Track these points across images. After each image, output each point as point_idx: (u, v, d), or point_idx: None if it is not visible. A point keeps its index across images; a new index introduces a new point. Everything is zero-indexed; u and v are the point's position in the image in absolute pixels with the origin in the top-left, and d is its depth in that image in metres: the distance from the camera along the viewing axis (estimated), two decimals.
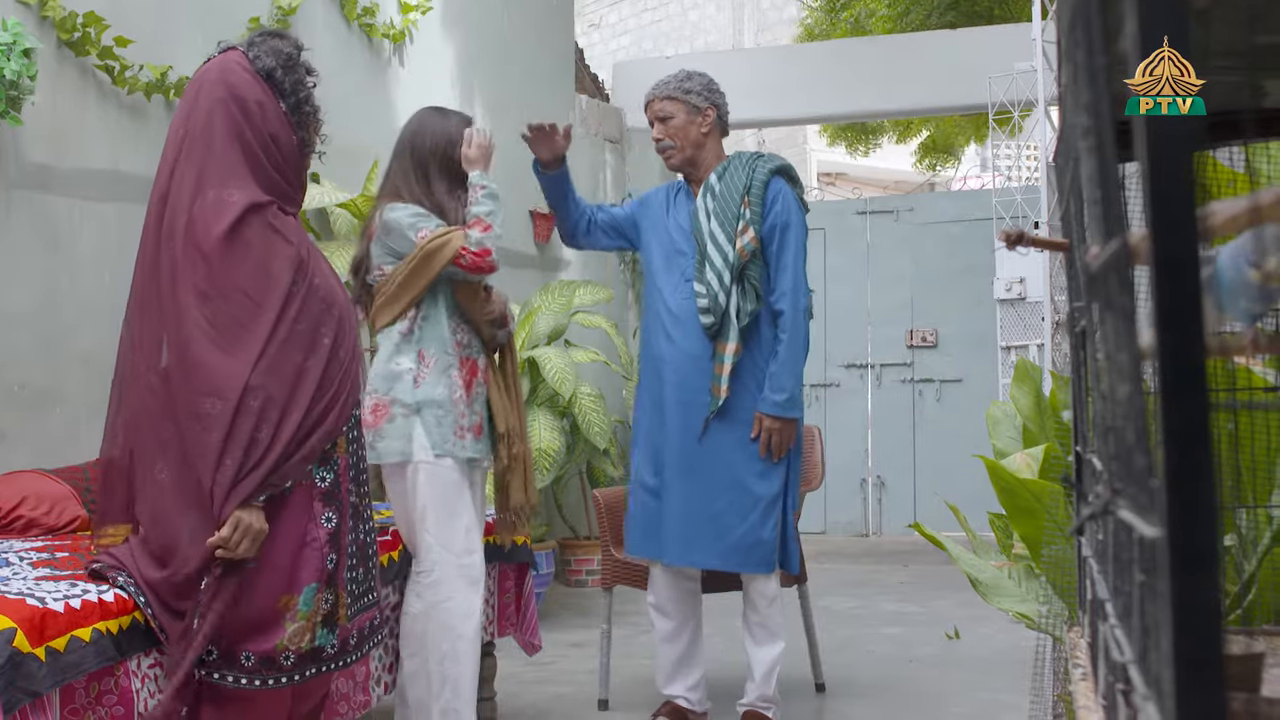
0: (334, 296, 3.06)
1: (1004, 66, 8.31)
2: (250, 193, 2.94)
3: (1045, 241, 2.39)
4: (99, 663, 2.70)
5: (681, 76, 4.32)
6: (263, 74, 3.02)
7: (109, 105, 4.64)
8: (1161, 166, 0.82)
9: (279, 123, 3.03)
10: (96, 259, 4.56)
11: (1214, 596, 0.80)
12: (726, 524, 4.06)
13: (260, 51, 3.04)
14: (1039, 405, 4.31)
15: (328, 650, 3.02)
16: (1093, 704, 1.69)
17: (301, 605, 2.94)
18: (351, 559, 3.10)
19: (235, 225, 2.89)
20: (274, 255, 2.94)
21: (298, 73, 3.08)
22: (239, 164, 2.95)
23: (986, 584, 3.31)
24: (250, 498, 2.83)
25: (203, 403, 2.83)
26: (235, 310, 2.88)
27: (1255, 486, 2.73)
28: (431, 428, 3.70)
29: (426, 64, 6.82)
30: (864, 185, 17.69)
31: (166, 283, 2.91)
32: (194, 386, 2.84)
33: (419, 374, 3.72)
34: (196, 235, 2.88)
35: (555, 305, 6.75)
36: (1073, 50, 1.29)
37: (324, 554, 2.98)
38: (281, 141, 3.03)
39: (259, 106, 3.00)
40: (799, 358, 4.14)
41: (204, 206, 2.90)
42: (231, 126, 2.96)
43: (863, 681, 5.07)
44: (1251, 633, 2.32)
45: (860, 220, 10.07)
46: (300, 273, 2.97)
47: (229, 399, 2.82)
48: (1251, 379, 2.69)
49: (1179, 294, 0.80)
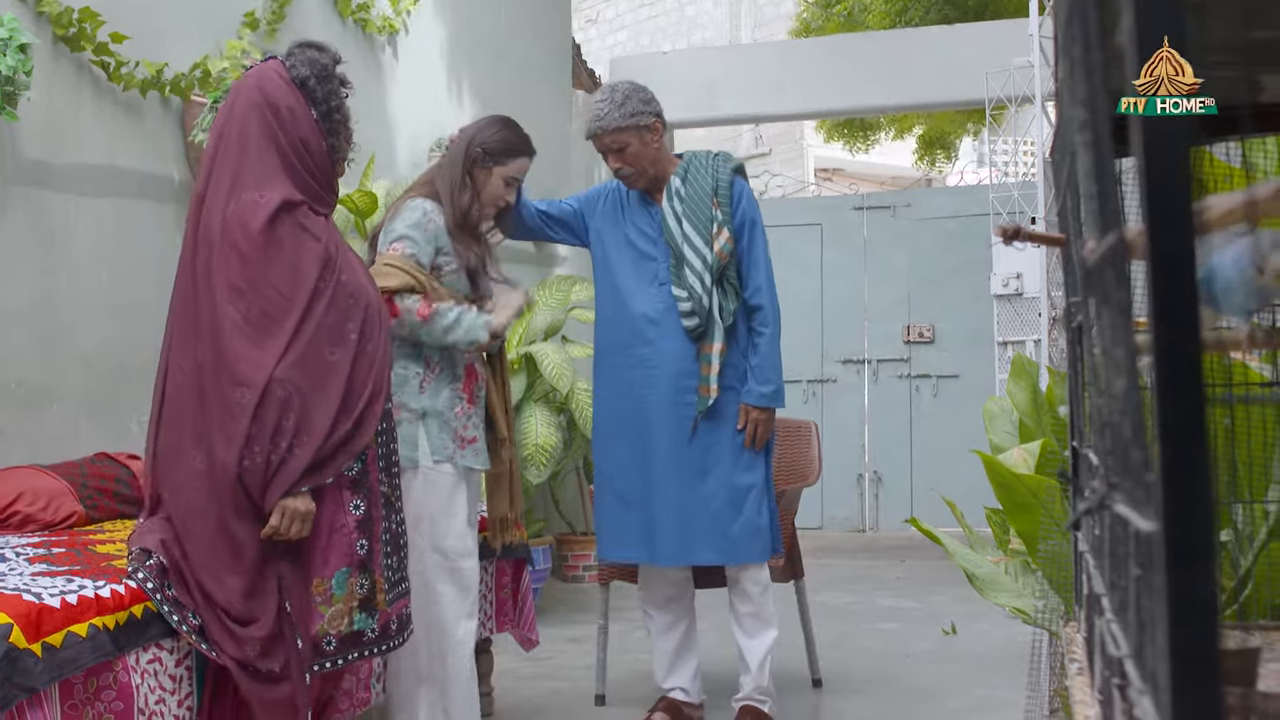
0: (362, 293, 3.18)
1: (1001, 62, 8.31)
2: (283, 192, 3.08)
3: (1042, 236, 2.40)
4: (96, 658, 2.70)
5: (618, 100, 4.13)
6: (297, 82, 3.18)
7: (105, 101, 4.64)
8: (1158, 161, 0.82)
9: (310, 128, 3.17)
10: (94, 256, 4.55)
11: (1210, 591, 0.80)
12: (724, 519, 4.07)
13: (297, 61, 3.21)
14: (1035, 401, 4.31)
15: (368, 634, 3.16)
16: (1089, 699, 1.69)
17: (335, 589, 3.08)
18: (386, 546, 3.21)
19: (269, 224, 3.03)
20: (303, 253, 3.07)
21: (331, 83, 3.23)
22: (273, 165, 3.10)
23: (983, 579, 3.31)
24: (294, 488, 2.97)
25: (232, 393, 2.95)
26: (267, 305, 3.01)
27: (1251, 482, 2.73)
28: (434, 434, 3.72)
29: (422, 60, 6.82)
30: (861, 181, 17.69)
31: (203, 281, 3.05)
32: (224, 377, 2.97)
33: (425, 379, 3.73)
34: (233, 234, 3.03)
35: (552, 301, 6.75)
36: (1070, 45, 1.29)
37: (353, 539, 3.12)
38: (312, 146, 3.17)
39: (290, 112, 3.15)
40: (779, 349, 4.19)
41: (239, 207, 3.04)
42: (265, 130, 3.12)
43: (859, 677, 5.07)
44: (1248, 628, 2.32)
45: (857, 216, 10.07)
46: (328, 269, 3.10)
47: (256, 388, 2.94)
48: (1248, 374, 2.69)
49: (1175, 289, 0.80)
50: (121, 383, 4.62)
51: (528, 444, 6.18)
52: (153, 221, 4.80)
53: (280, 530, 2.96)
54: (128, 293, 4.65)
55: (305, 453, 2.98)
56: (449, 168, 3.88)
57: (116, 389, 4.61)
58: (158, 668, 2.91)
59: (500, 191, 3.91)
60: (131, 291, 4.66)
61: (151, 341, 4.72)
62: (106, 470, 4.09)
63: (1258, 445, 2.62)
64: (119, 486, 4.03)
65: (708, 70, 9.57)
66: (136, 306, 4.66)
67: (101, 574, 2.95)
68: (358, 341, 3.12)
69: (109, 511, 3.97)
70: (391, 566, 3.24)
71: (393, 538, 3.26)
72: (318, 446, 2.99)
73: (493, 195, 3.90)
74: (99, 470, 4.07)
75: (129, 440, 4.48)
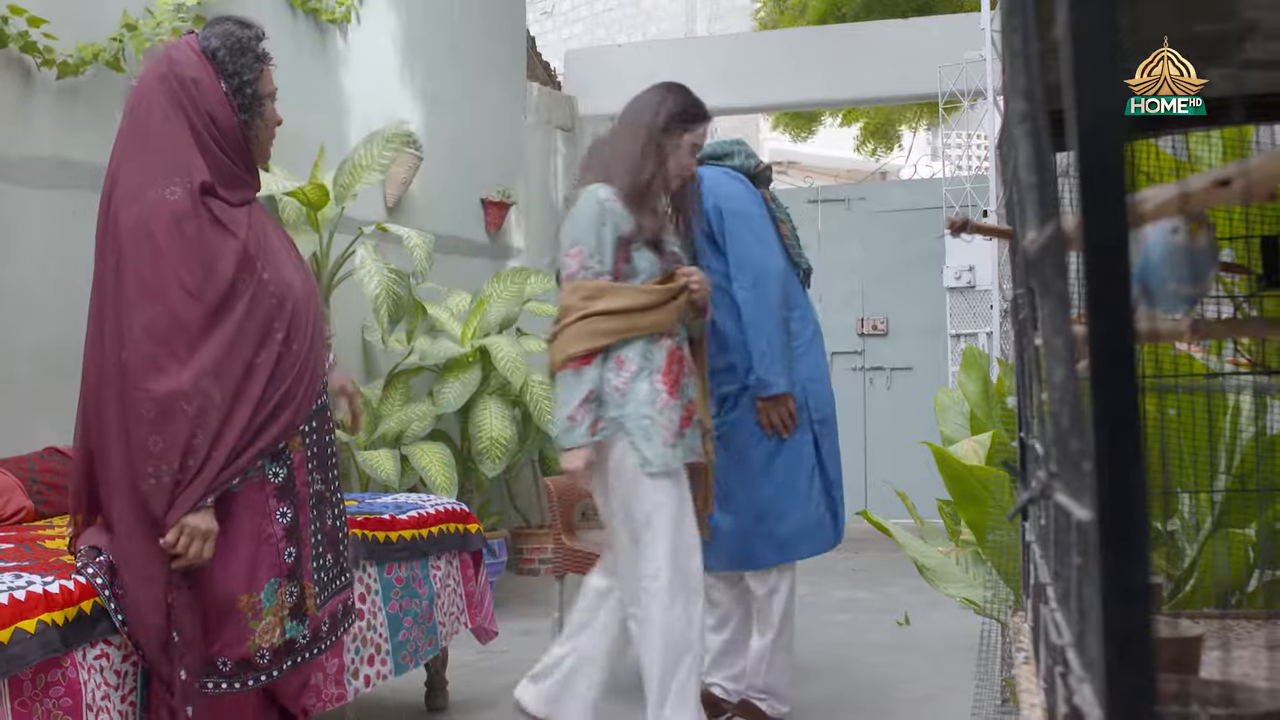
0: (287, 289, 3.03)
1: (954, 56, 8.36)
2: (193, 179, 2.92)
3: (989, 229, 2.41)
4: (45, 654, 2.68)
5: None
6: (207, 53, 3.01)
7: (49, 92, 4.59)
8: (1093, 152, 0.82)
9: (217, 100, 3.00)
10: (42, 248, 4.50)
11: (1144, 577, 0.81)
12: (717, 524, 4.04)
13: (210, 33, 3.05)
14: (986, 392, 4.35)
15: (300, 641, 3.04)
16: (1034, 687, 1.70)
17: (265, 601, 2.95)
18: (317, 548, 3.10)
19: (176, 224, 2.88)
20: (218, 252, 2.92)
21: (245, 57, 3.05)
22: (185, 142, 2.95)
23: (933, 570, 3.34)
24: (197, 504, 2.83)
25: (140, 404, 2.83)
26: (179, 310, 2.86)
27: (1197, 472, 2.77)
28: (642, 443, 3.52)
29: (374, 50, 6.78)
30: (816, 174, 17.74)
31: (111, 284, 2.92)
32: (131, 389, 2.84)
33: (618, 384, 3.55)
34: (139, 238, 2.89)
35: (507, 294, 6.73)
36: (1010, 36, 1.30)
37: (281, 549, 2.98)
38: (220, 121, 3.00)
39: (195, 84, 2.99)
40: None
41: (144, 208, 2.89)
42: (173, 100, 2.97)
43: (815, 667, 5.09)
44: (1193, 616, 2.35)
45: (812, 209, 10.09)
46: (246, 268, 2.95)
47: (163, 404, 2.82)
48: (1193, 365, 2.72)
49: (1109, 278, 0.81)
50: (71, 377, 4.54)
51: (482, 437, 6.17)
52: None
53: (178, 549, 2.82)
54: (77, 286, 4.60)
55: (214, 467, 2.85)
56: (623, 141, 3.70)
57: (66, 383, 4.53)
58: (104, 664, 2.89)
59: (686, 160, 3.76)
60: (81, 284, 4.58)
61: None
62: (56, 465, 4.05)
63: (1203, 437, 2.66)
64: (69, 482, 3.99)
65: (663, 63, 9.55)
66: (85, 300, 4.61)
67: (50, 569, 2.92)
68: (283, 341, 2.98)
69: (58, 507, 3.93)
70: (325, 567, 3.13)
71: (326, 536, 3.14)
72: (229, 455, 2.87)
73: (679, 164, 3.74)
74: (49, 465, 4.04)
75: None
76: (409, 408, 6.17)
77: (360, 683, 3.84)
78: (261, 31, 3.13)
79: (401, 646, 4.03)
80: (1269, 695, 1.34)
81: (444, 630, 4.26)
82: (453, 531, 4.32)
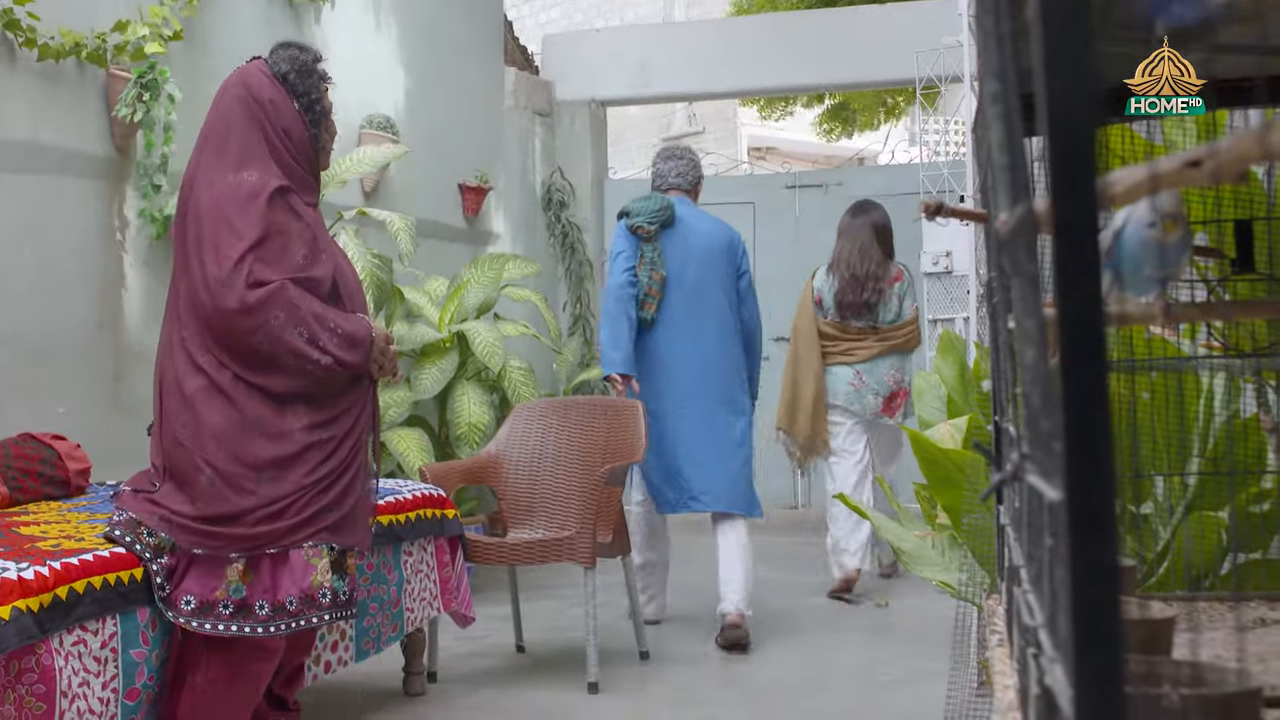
0: (343, 276, 3.53)
1: (932, 41, 8.36)
2: (268, 175, 3.37)
3: (964, 212, 2.42)
4: (20, 641, 2.67)
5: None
6: (279, 77, 3.48)
7: (25, 75, 4.55)
8: (1063, 133, 0.83)
9: (292, 118, 3.47)
10: (17, 233, 4.47)
11: (1112, 557, 0.81)
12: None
13: (278, 59, 3.52)
14: (963, 377, 4.36)
15: (341, 596, 3.38)
16: (1008, 669, 1.71)
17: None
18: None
19: (252, 195, 3.32)
20: (291, 233, 3.37)
21: (312, 78, 3.53)
22: (260, 151, 3.41)
23: (910, 553, 3.35)
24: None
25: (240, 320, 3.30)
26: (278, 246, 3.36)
27: (1170, 455, 2.78)
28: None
29: (350, 34, 6.74)
30: (793, 160, 17.74)
31: (193, 247, 3.31)
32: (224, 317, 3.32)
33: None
34: (223, 207, 3.31)
35: (484, 279, 6.71)
36: (983, 17, 1.31)
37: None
38: (295, 135, 3.47)
39: (272, 104, 3.44)
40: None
41: (227, 186, 3.33)
42: (251, 118, 3.42)
43: (793, 650, 5.11)
44: (1165, 598, 2.36)
45: (789, 194, 10.10)
46: (313, 248, 3.43)
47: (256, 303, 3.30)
48: (1167, 349, 2.73)
49: (1079, 260, 0.81)
50: (46, 363, 4.55)
51: (460, 422, 6.17)
52: (76, 199, 4.72)
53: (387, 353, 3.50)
54: (51, 272, 4.58)
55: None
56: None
57: (41, 369, 4.54)
58: (82, 649, 2.88)
59: None
60: (55, 270, 4.59)
61: (77, 321, 4.66)
62: (31, 451, 4.03)
63: (1175, 420, 2.67)
64: (44, 468, 3.98)
65: (641, 48, 9.56)
66: (61, 286, 4.59)
67: (25, 556, 2.91)
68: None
69: (33, 493, 3.91)
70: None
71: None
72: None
73: None
74: (23, 451, 4.01)
75: (53, 421, 4.42)
76: (386, 393, 6.16)
77: (320, 668, 3.85)
78: (319, 54, 3.60)
79: (365, 633, 4.03)
80: (1239, 676, 1.35)
81: (411, 616, 4.23)
82: (430, 517, 4.32)
